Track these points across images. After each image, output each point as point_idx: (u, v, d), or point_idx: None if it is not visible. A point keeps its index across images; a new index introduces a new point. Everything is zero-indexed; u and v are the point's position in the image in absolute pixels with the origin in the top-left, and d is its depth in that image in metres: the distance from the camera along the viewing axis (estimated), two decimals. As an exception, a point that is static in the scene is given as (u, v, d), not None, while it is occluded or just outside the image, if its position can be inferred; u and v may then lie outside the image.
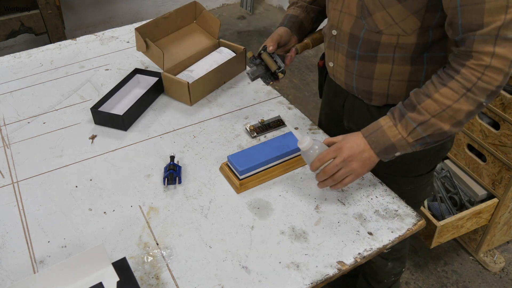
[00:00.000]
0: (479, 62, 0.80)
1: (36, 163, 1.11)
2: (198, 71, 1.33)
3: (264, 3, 4.08)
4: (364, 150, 0.92)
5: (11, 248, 0.90)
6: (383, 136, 0.90)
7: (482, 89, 0.82)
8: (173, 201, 0.99)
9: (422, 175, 1.16)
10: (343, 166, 0.92)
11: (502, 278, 1.80)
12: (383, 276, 1.43)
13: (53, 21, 2.50)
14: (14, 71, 1.49)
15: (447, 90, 0.84)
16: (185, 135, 1.19)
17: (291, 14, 1.18)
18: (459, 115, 0.85)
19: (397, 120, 0.89)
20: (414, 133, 0.88)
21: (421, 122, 0.86)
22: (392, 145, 0.90)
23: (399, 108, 0.90)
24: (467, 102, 0.83)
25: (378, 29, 0.94)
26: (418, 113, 0.87)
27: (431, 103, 0.85)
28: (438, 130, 0.86)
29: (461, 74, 0.82)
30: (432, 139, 0.89)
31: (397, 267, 1.40)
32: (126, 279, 0.82)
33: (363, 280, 1.53)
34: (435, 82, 0.87)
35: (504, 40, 0.77)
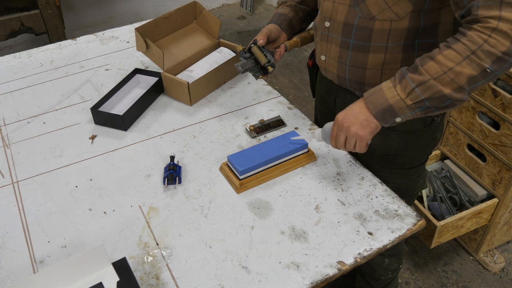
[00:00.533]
0: (486, 25, 0.79)
1: (36, 163, 1.11)
2: (198, 71, 1.33)
3: (264, 3, 4.08)
4: (359, 112, 0.91)
5: (11, 248, 0.90)
6: (381, 97, 0.89)
7: (487, 52, 0.80)
8: (173, 201, 0.99)
9: (415, 167, 1.17)
10: (344, 134, 0.93)
11: (502, 278, 1.80)
12: (381, 273, 1.43)
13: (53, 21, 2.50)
14: (14, 71, 1.49)
15: (451, 51, 0.83)
16: (185, 135, 1.19)
17: (280, 12, 1.21)
18: (460, 79, 0.82)
19: (397, 81, 0.88)
20: (413, 94, 0.86)
21: (420, 83, 0.85)
22: (390, 107, 0.88)
23: (401, 70, 0.89)
24: (470, 66, 0.81)
25: (372, 15, 0.95)
26: (419, 74, 0.85)
27: (433, 64, 0.84)
28: (438, 93, 0.84)
29: (467, 36, 0.81)
30: (432, 104, 0.86)
31: (394, 263, 1.40)
32: (126, 279, 0.82)
33: (361, 278, 1.53)
34: (441, 46, 0.86)
35: (509, 4, 0.77)
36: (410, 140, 1.10)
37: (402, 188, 1.17)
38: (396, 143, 1.11)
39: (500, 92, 1.48)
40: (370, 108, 0.91)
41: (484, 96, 1.55)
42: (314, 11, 1.22)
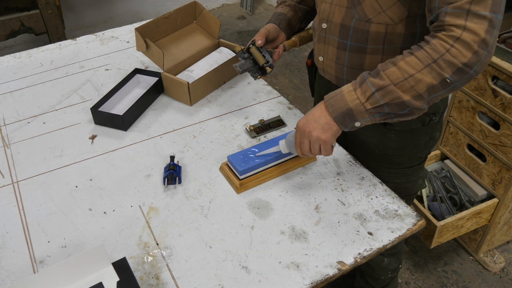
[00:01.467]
0: (450, 33, 0.80)
1: (36, 163, 1.11)
2: (198, 71, 1.33)
3: (264, 3, 4.08)
4: (320, 116, 0.90)
5: (11, 248, 0.90)
6: (341, 100, 0.88)
7: (448, 62, 0.80)
8: (173, 201, 0.99)
9: (414, 166, 1.17)
10: (307, 139, 0.92)
11: (502, 278, 1.80)
12: (380, 273, 1.43)
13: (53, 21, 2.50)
14: (14, 71, 1.49)
15: (413, 58, 0.83)
16: (185, 135, 1.19)
17: (279, 12, 1.21)
18: (420, 86, 0.83)
19: (358, 85, 0.88)
20: (373, 98, 0.85)
21: (380, 87, 0.84)
22: (350, 110, 0.87)
23: (363, 74, 0.89)
24: (430, 74, 0.82)
25: (367, 17, 0.96)
26: (380, 78, 0.85)
27: (395, 70, 0.84)
28: (397, 98, 0.84)
29: (431, 45, 0.82)
30: (391, 110, 0.86)
31: (393, 262, 1.40)
32: (126, 279, 0.82)
33: (360, 278, 1.54)
34: (404, 52, 0.86)
35: (475, 15, 0.78)
36: (408, 140, 1.10)
37: (400, 188, 1.17)
38: (394, 142, 1.11)
39: (500, 92, 1.48)
40: (330, 111, 0.89)
41: (484, 96, 1.55)
42: (313, 10, 1.23)
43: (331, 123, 0.90)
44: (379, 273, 1.44)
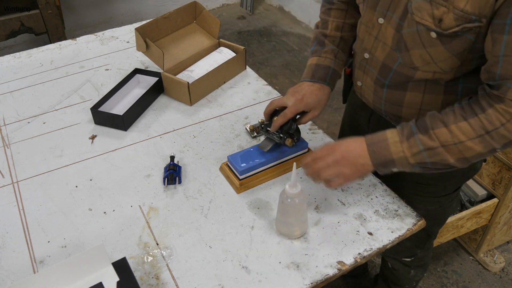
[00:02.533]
0: (509, 109, 0.76)
1: (36, 163, 1.11)
2: (198, 71, 1.33)
3: (264, 3, 4.08)
4: (359, 156, 0.87)
5: (11, 248, 0.90)
6: (386, 149, 0.85)
7: (502, 136, 0.78)
8: (173, 201, 0.99)
9: (448, 194, 1.12)
10: (333, 165, 0.87)
11: (502, 278, 1.80)
12: (405, 282, 1.42)
13: (53, 21, 2.50)
14: (14, 71, 1.49)
15: (466, 125, 0.79)
16: (185, 135, 1.19)
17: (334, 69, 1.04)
18: (469, 153, 0.80)
19: (405, 137, 0.84)
20: (419, 156, 0.83)
21: (429, 148, 0.81)
22: (392, 161, 0.85)
23: (411, 126, 0.85)
24: (482, 144, 0.79)
25: (414, 65, 0.89)
26: (429, 138, 0.81)
27: (445, 132, 0.80)
28: (443, 160, 0.82)
29: (486, 115, 0.78)
30: (434, 167, 0.84)
31: (419, 274, 1.39)
32: (126, 279, 0.82)
33: (383, 283, 1.53)
34: (456, 112, 0.82)
35: None
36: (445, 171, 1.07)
37: (431, 214, 1.13)
38: None
39: None
40: (372, 157, 0.86)
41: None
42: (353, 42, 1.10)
43: (367, 166, 0.87)
44: (403, 283, 1.43)
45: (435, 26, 0.80)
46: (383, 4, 0.89)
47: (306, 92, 1.00)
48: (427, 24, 0.81)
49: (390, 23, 0.89)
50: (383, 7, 0.89)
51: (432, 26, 0.80)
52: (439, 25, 0.79)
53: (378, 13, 0.91)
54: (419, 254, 1.30)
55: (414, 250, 1.28)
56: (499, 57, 0.76)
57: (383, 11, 0.89)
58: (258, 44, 3.43)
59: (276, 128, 0.99)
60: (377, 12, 0.91)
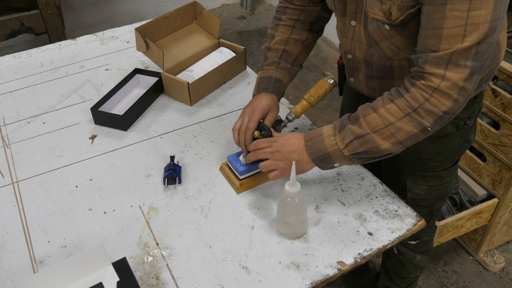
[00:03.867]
0: (428, 83, 0.79)
1: (36, 163, 1.11)
2: (198, 71, 1.33)
3: (264, 3, 4.08)
4: (295, 151, 0.91)
5: (11, 248, 0.90)
6: (321, 143, 0.89)
7: (428, 111, 0.80)
8: (173, 201, 0.99)
9: (447, 168, 1.15)
10: (270, 157, 0.93)
11: (502, 278, 1.80)
12: (410, 269, 1.43)
13: (53, 21, 2.50)
14: (14, 71, 1.49)
15: (393, 106, 0.83)
16: (185, 135, 1.19)
17: (276, 77, 1.08)
18: (400, 134, 0.83)
19: (337, 130, 0.88)
20: (350, 146, 0.86)
21: (359, 136, 0.85)
22: (328, 155, 0.88)
23: (343, 118, 0.89)
24: (411, 123, 0.82)
25: (387, 56, 0.96)
26: (359, 126, 0.85)
27: (375, 117, 0.84)
28: (376, 147, 0.85)
29: (410, 93, 0.81)
30: (369, 155, 0.87)
31: (424, 260, 1.40)
32: (126, 279, 0.82)
33: (385, 277, 1.54)
34: (384, 97, 0.86)
35: (455, 65, 0.77)
36: (442, 144, 1.09)
37: (434, 190, 1.16)
38: (428, 147, 1.09)
39: (500, 92, 1.48)
40: (309, 152, 0.90)
41: (484, 96, 1.55)
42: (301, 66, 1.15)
43: (302, 162, 0.91)
44: (409, 270, 1.44)
45: (387, 19, 0.87)
46: (350, 9, 0.95)
47: (254, 102, 1.05)
48: (380, 18, 0.88)
49: (360, 24, 0.96)
50: (351, 11, 0.96)
51: (384, 19, 0.87)
52: (390, 18, 0.86)
53: (349, 17, 0.97)
54: (423, 237, 1.33)
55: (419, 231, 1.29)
56: (422, 30, 0.80)
57: (353, 15, 0.96)
58: (258, 44, 3.43)
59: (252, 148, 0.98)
60: (348, 17, 0.97)
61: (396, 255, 1.41)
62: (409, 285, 1.51)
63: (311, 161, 0.91)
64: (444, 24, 0.75)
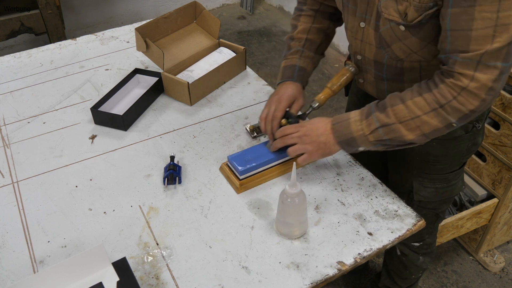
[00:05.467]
0: (457, 83, 0.80)
1: (36, 163, 1.11)
2: (198, 71, 1.33)
3: (264, 3, 4.08)
4: (322, 134, 0.93)
5: (11, 248, 0.90)
6: (347, 127, 0.91)
7: (455, 109, 0.82)
8: (173, 201, 0.99)
9: (454, 171, 1.15)
10: (298, 141, 0.95)
11: (502, 278, 1.80)
12: (413, 271, 1.43)
13: (53, 21, 2.50)
14: (14, 71, 1.49)
15: (421, 100, 0.84)
16: (185, 135, 1.19)
17: (300, 65, 1.10)
18: (425, 127, 0.85)
19: (364, 116, 0.90)
20: (376, 133, 0.88)
21: (385, 124, 0.87)
22: (353, 139, 0.91)
23: (371, 105, 0.91)
24: (437, 118, 0.84)
25: (399, 58, 0.96)
26: (386, 115, 0.87)
27: (402, 108, 0.86)
28: (400, 137, 0.87)
29: (439, 89, 0.83)
30: (394, 143, 0.89)
31: (427, 262, 1.41)
32: (126, 279, 0.82)
33: (387, 277, 1.54)
34: (414, 89, 0.87)
35: (485, 66, 0.78)
36: (450, 147, 1.09)
37: (440, 192, 1.17)
38: (436, 150, 1.09)
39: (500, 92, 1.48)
40: (335, 135, 0.93)
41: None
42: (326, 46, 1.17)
43: (329, 145, 0.93)
44: (411, 272, 1.44)
45: (402, 20, 0.86)
46: (360, 10, 0.96)
47: (280, 91, 1.07)
48: (395, 19, 0.87)
49: (370, 25, 0.96)
50: (362, 13, 0.96)
51: (399, 20, 0.87)
52: (405, 19, 0.86)
53: (359, 19, 0.97)
54: (427, 239, 1.33)
55: (423, 233, 1.30)
56: (447, 32, 0.80)
57: (363, 16, 0.96)
58: (258, 44, 3.43)
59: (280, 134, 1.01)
60: (358, 18, 0.98)
61: (399, 256, 1.41)
62: (410, 286, 1.51)
63: (337, 143, 0.93)
64: (473, 26, 0.76)
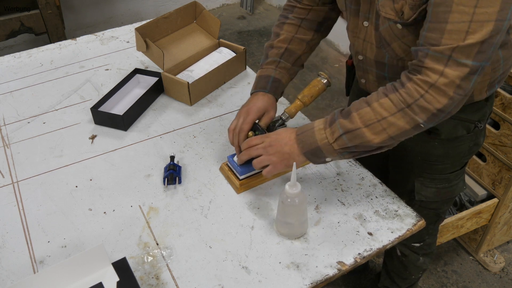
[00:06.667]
0: (425, 79, 0.78)
1: (36, 163, 1.11)
2: (198, 71, 1.33)
3: (264, 3, 4.08)
4: (286, 144, 0.91)
5: (11, 248, 0.90)
6: (311, 137, 0.88)
7: (422, 108, 0.79)
8: (173, 201, 0.99)
9: (456, 171, 1.14)
10: (263, 152, 0.93)
11: (502, 278, 1.80)
12: (413, 271, 1.43)
13: (53, 21, 2.50)
14: (14, 71, 1.49)
15: (387, 100, 0.81)
16: (185, 135, 1.19)
17: (274, 76, 1.07)
18: (392, 129, 0.82)
19: (328, 124, 0.87)
20: (340, 140, 0.85)
21: (348, 130, 0.84)
22: (318, 148, 0.87)
23: (334, 112, 0.88)
24: (404, 118, 0.80)
25: (399, 56, 0.95)
26: (350, 121, 0.84)
27: (368, 111, 0.83)
28: (366, 142, 0.84)
29: (405, 88, 0.80)
30: (359, 149, 0.86)
31: (427, 262, 1.40)
32: (126, 279, 0.82)
33: (386, 277, 1.54)
34: (379, 91, 0.84)
35: (455, 62, 0.75)
36: (451, 147, 1.08)
37: (442, 192, 1.16)
38: (438, 150, 1.08)
39: (500, 92, 1.48)
40: (300, 146, 0.90)
41: (484, 96, 1.55)
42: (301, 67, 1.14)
43: (293, 155, 0.90)
44: (411, 272, 1.44)
45: (399, 18, 0.86)
46: (363, 9, 0.95)
47: (250, 103, 1.04)
48: (392, 18, 0.87)
49: (372, 24, 0.95)
50: (365, 11, 0.95)
51: (396, 19, 0.86)
52: (402, 17, 0.85)
53: (362, 18, 0.96)
54: (427, 239, 1.33)
55: (423, 234, 1.30)
56: (427, 23, 0.78)
57: (366, 15, 0.95)
58: (258, 44, 3.43)
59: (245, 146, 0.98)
60: (361, 17, 0.96)
61: (399, 257, 1.41)
62: (410, 286, 1.51)
63: (302, 154, 0.90)
64: (449, 19, 0.74)
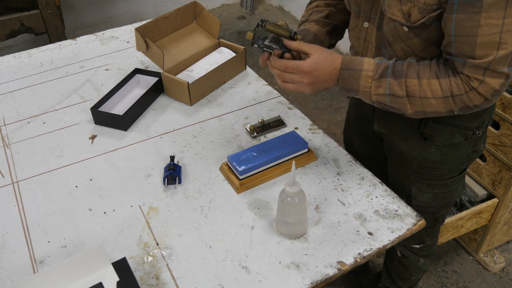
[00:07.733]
0: (470, 82, 0.83)
1: (36, 163, 1.11)
2: (198, 71, 1.33)
3: (264, 3, 4.08)
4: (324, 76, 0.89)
5: (11, 248, 0.90)
6: (356, 79, 0.89)
7: (462, 101, 0.84)
8: (173, 201, 0.99)
9: (453, 177, 1.14)
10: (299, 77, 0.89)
11: (502, 278, 1.80)
12: (413, 272, 1.43)
13: (53, 21, 2.50)
14: (14, 71, 1.49)
15: (436, 83, 0.84)
16: (185, 135, 1.19)
17: (301, 28, 1.08)
18: (429, 108, 0.86)
19: (378, 75, 0.88)
20: (382, 97, 0.88)
21: (394, 94, 0.87)
22: (356, 91, 0.91)
23: (387, 66, 0.87)
24: (444, 104, 0.85)
25: (398, 58, 0.94)
26: (399, 85, 0.86)
27: (416, 84, 0.85)
28: (402, 109, 0.88)
29: (457, 79, 0.83)
30: (391, 110, 0.91)
31: (427, 263, 1.41)
32: (126, 279, 0.82)
33: (387, 278, 1.54)
34: (433, 68, 0.86)
35: (493, 72, 0.80)
36: (449, 154, 1.08)
37: (440, 198, 1.16)
38: (435, 156, 1.08)
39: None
40: (340, 81, 0.90)
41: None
42: (342, 27, 1.13)
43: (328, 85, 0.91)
44: (411, 273, 1.44)
45: (405, 20, 0.86)
46: (365, 9, 0.95)
47: None
48: (398, 19, 0.87)
49: (373, 25, 0.96)
50: (366, 12, 0.96)
51: (403, 21, 0.87)
52: (409, 19, 0.86)
53: (363, 18, 0.97)
54: (427, 241, 1.33)
55: (423, 236, 1.30)
56: (451, 37, 0.81)
57: (367, 16, 0.96)
58: (258, 44, 3.43)
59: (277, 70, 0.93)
60: (362, 18, 0.98)
61: (399, 258, 1.41)
62: (410, 286, 1.51)
63: (338, 85, 0.92)
64: (478, 32, 0.77)
